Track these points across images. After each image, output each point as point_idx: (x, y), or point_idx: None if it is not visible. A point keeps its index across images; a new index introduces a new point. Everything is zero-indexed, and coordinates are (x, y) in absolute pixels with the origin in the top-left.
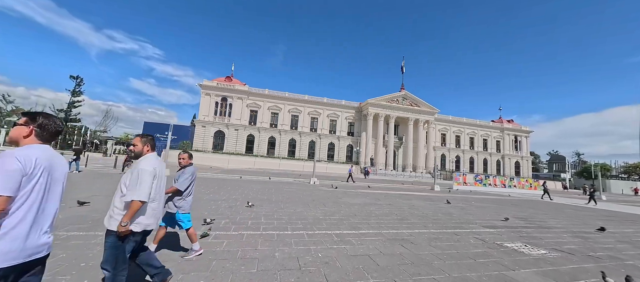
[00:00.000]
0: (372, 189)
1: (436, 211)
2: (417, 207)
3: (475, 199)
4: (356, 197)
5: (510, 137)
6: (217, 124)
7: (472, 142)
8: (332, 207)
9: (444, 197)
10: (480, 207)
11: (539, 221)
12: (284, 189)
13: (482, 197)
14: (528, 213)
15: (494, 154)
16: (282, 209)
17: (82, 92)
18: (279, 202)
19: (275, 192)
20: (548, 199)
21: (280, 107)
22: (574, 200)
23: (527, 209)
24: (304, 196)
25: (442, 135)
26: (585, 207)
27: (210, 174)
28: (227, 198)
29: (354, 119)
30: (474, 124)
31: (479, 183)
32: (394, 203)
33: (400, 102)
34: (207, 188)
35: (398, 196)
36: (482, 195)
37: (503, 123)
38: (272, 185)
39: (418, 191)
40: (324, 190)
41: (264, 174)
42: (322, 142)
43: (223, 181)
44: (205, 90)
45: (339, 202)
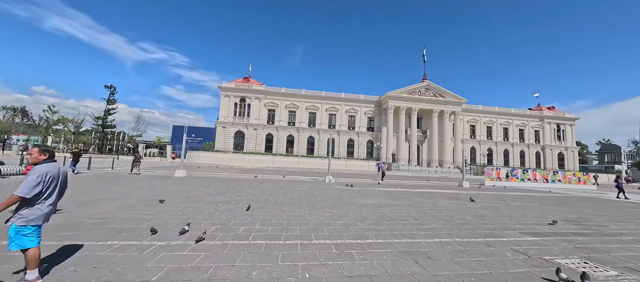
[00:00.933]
0: (391, 187)
1: (464, 212)
2: (440, 208)
3: (512, 197)
4: (371, 197)
5: (551, 126)
6: (236, 124)
7: (506, 133)
8: (341, 209)
9: (474, 195)
10: (519, 206)
11: (597, 224)
12: (295, 189)
13: (520, 195)
14: (579, 214)
15: (533, 145)
16: (285, 213)
17: (116, 100)
18: (283, 204)
19: (285, 192)
20: (623, 198)
21: (297, 105)
22: (636, 196)
23: (577, 209)
24: (314, 196)
25: (471, 127)
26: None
27: (226, 174)
28: (230, 200)
29: (374, 114)
30: (508, 113)
31: (515, 178)
32: (414, 203)
33: (423, 93)
34: (216, 189)
35: (419, 195)
36: (519, 192)
37: (542, 110)
38: (284, 184)
39: (443, 189)
40: (337, 189)
41: (281, 172)
42: (340, 138)
43: (235, 181)
44: (224, 92)
45: (350, 203)
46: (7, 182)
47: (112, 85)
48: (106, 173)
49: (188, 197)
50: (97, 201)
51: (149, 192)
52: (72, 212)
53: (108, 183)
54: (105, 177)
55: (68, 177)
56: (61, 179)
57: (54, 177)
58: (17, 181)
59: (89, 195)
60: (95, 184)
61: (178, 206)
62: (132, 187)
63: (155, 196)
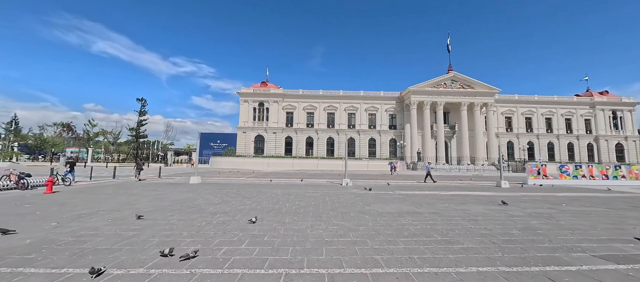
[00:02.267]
0: (415, 189)
1: (507, 223)
2: (474, 216)
3: (566, 199)
4: (390, 203)
5: (605, 113)
6: (256, 128)
7: (549, 124)
8: (351, 221)
9: (515, 198)
10: (579, 213)
11: None
12: (306, 195)
13: (576, 196)
14: None
15: (583, 136)
16: (284, 226)
17: (147, 112)
18: (287, 215)
19: (294, 199)
20: None
21: (315, 106)
22: None
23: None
24: (324, 203)
25: (506, 119)
26: None
27: (242, 180)
28: (231, 210)
29: (396, 111)
30: (551, 102)
31: (566, 175)
32: (441, 210)
33: (449, 85)
34: (222, 197)
35: (448, 199)
36: (573, 191)
37: (593, 96)
38: (296, 190)
39: (477, 190)
40: (353, 194)
41: (299, 176)
42: (361, 138)
43: (247, 186)
44: (244, 98)
45: (364, 211)
46: (30, 194)
47: (143, 98)
48: (126, 181)
49: (188, 206)
50: (95, 213)
51: (153, 202)
52: (63, 226)
53: (120, 192)
54: (121, 186)
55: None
56: None
57: None
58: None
59: (93, 206)
60: (107, 194)
61: (171, 218)
62: (140, 196)
63: (157, 206)
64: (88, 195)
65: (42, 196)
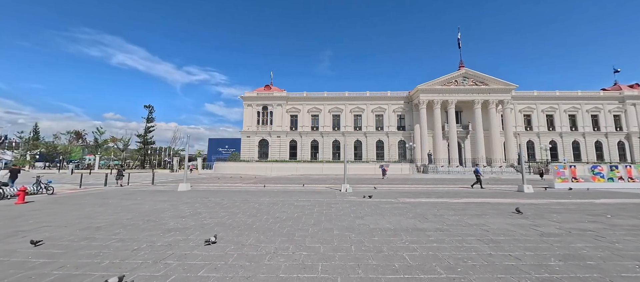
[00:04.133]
0: (421, 196)
1: (540, 247)
2: (494, 235)
3: (610, 208)
4: (388, 216)
5: (637, 107)
6: (260, 133)
7: (574, 121)
8: (330, 243)
9: (543, 206)
10: (636, 229)
11: None
12: (294, 204)
13: (621, 203)
14: None
15: (613, 133)
16: (241, 250)
17: (154, 119)
18: (256, 232)
19: (277, 210)
20: None
21: (320, 109)
22: None
23: None
24: (309, 216)
25: (525, 117)
26: None
27: (236, 186)
28: (195, 226)
29: (404, 111)
30: (574, 97)
31: (599, 177)
32: (450, 226)
33: (461, 82)
34: (198, 208)
35: (461, 209)
36: (614, 198)
37: (623, 89)
38: (287, 198)
39: (496, 196)
40: (349, 202)
41: (302, 180)
42: (368, 140)
43: (236, 193)
44: (247, 102)
45: (353, 227)
46: (2, 204)
47: (150, 105)
48: (112, 190)
49: (148, 221)
50: (36, 229)
51: (116, 214)
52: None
53: (94, 202)
54: (101, 195)
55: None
56: None
57: None
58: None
59: (46, 220)
60: (78, 204)
61: (113, 237)
62: (109, 207)
63: (115, 220)
64: (59, 206)
65: (10, 206)
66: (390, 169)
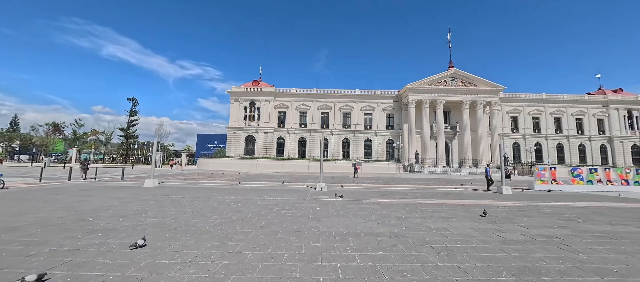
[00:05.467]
0: (395, 197)
1: (496, 257)
2: (452, 242)
3: (583, 212)
4: (348, 217)
5: (620, 112)
6: (247, 129)
7: (559, 124)
8: (268, 248)
9: (517, 209)
10: (605, 236)
11: None
12: (258, 203)
13: (596, 207)
14: None
15: (596, 137)
16: (169, 252)
17: (138, 112)
18: (199, 235)
19: (234, 209)
20: None
21: (308, 105)
22: None
23: None
24: (267, 216)
25: (512, 119)
26: None
27: (212, 183)
28: (128, 226)
29: (393, 110)
30: (560, 100)
31: (579, 179)
32: (409, 231)
33: (449, 83)
34: (150, 206)
35: (431, 210)
36: (591, 201)
37: (606, 94)
38: (256, 196)
39: (472, 197)
40: (316, 202)
41: (285, 178)
42: (356, 139)
43: (202, 191)
44: (234, 97)
45: (303, 230)
46: None
47: (134, 98)
48: (72, 185)
49: (78, 220)
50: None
51: (57, 211)
52: None
53: (43, 198)
54: (57, 190)
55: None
56: None
57: None
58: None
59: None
60: (22, 200)
61: (28, 236)
62: (51, 204)
63: (51, 217)
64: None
65: None
66: (375, 169)
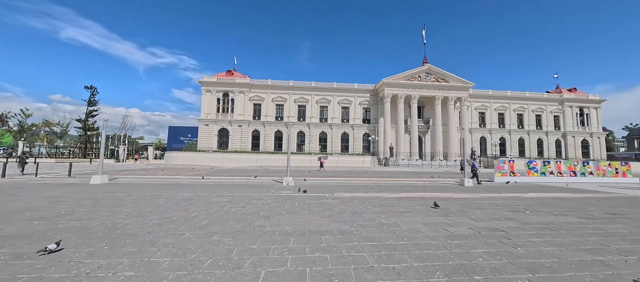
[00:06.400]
0: (359, 191)
1: (436, 255)
2: (396, 239)
3: (532, 203)
4: (303, 214)
5: (573, 109)
6: (220, 121)
7: (521, 120)
8: (193, 254)
9: (473, 202)
10: (546, 228)
11: None
12: (211, 200)
13: (543, 198)
14: None
15: (552, 132)
16: (71, 263)
17: (98, 102)
18: (121, 238)
19: (183, 207)
20: None
21: (285, 98)
22: None
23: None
24: (214, 214)
25: (480, 115)
26: None
27: (171, 179)
28: (41, 231)
29: (370, 104)
30: (522, 97)
31: (534, 171)
32: (358, 228)
33: (424, 78)
34: (81, 207)
35: (390, 205)
36: (541, 191)
37: (562, 93)
38: (212, 192)
39: (436, 190)
40: (275, 197)
41: (257, 172)
42: (333, 132)
43: (155, 187)
44: (206, 87)
45: (245, 230)
46: None
47: (92, 86)
48: (8, 182)
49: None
50: None
51: None
52: None
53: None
54: None
55: None
56: None
57: None
58: None
59: None
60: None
61: None
62: None
63: None
64: None
65: None
66: (352, 162)
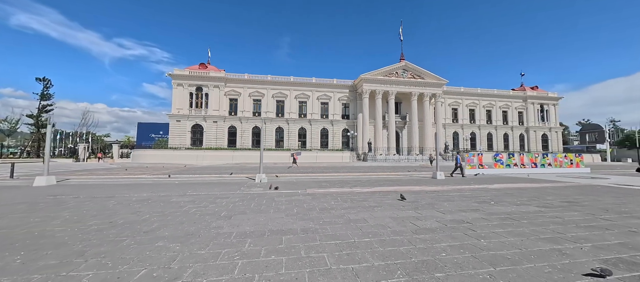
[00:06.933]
0: (334, 185)
1: (400, 252)
2: (360, 236)
3: (497, 193)
4: (269, 213)
5: (535, 106)
6: (193, 117)
7: (490, 116)
8: (124, 265)
9: (443, 193)
10: (508, 218)
11: None
12: (172, 201)
13: (507, 188)
14: (621, 228)
15: (517, 127)
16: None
17: (52, 95)
18: (42, 249)
19: (136, 209)
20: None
21: (262, 93)
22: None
23: (607, 212)
24: (169, 215)
25: (453, 111)
26: None
27: (131, 179)
28: None
29: (349, 100)
30: (491, 94)
31: (500, 164)
32: (323, 226)
33: (401, 74)
34: (24, 208)
35: (361, 199)
36: (505, 182)
37: (526, 90)
38: (176, 192)
39: (410, 184)
40: (243, 195)
41: (233, 169)
42: (313, 128)
43: (113, 188)
44: (177, 81)
45: (198, 232)
46: None
47: (46, 78)
48: None
49: None
50: None
51: None
52: None
53: None
54: None
55: None
56: None
57: None
58: None
59: None
60: None
61: None
62: None
63: None
64: None
65: None
66: (331, 158)
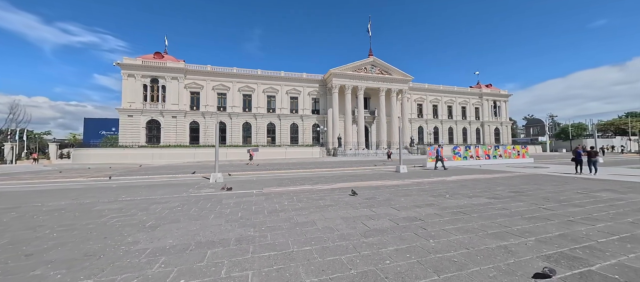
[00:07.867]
0: (285, 184)
1: (341, 260)
2: (302, 244)
3: (452, 186)
4: (208, 218)
5: (489, 102)
6: (148, 111)
7: (451, 111)
8: None
9: (402, 188)
10: (459, 213)
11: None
12: (94, 209)
13: (462, 180)
14: (569, 217)
15: (474, 122)
16: None
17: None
18: None
19: (38, 222)
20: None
21: (227, 86)
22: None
23: (548, 201)
24: (77, 230)
25: (418, 106)
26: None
27: (56, 183)
28: None
29: (319, 95)
30: (452, 91)
31: (458, 156)
32: (265, 235)
33: (369, 70)
34: None
35: (318, 197)
36: (461, 174)
37: (481, 88)
38: (105, 198)
39: (372, 179)
40: (188, 198)
41: (194, 168)
42: (282, 124)
43: (27, 195)
44: (128, 71)
45: (104, 252)
46: None
47: None
48: None
49: None
50: None
51: None
52: None
53: None
54: None
55: None
56: None
57: None
58: None
59: None
60: None
61: None
62: None
63: None
64: None
65: None
66: (300, 154)
